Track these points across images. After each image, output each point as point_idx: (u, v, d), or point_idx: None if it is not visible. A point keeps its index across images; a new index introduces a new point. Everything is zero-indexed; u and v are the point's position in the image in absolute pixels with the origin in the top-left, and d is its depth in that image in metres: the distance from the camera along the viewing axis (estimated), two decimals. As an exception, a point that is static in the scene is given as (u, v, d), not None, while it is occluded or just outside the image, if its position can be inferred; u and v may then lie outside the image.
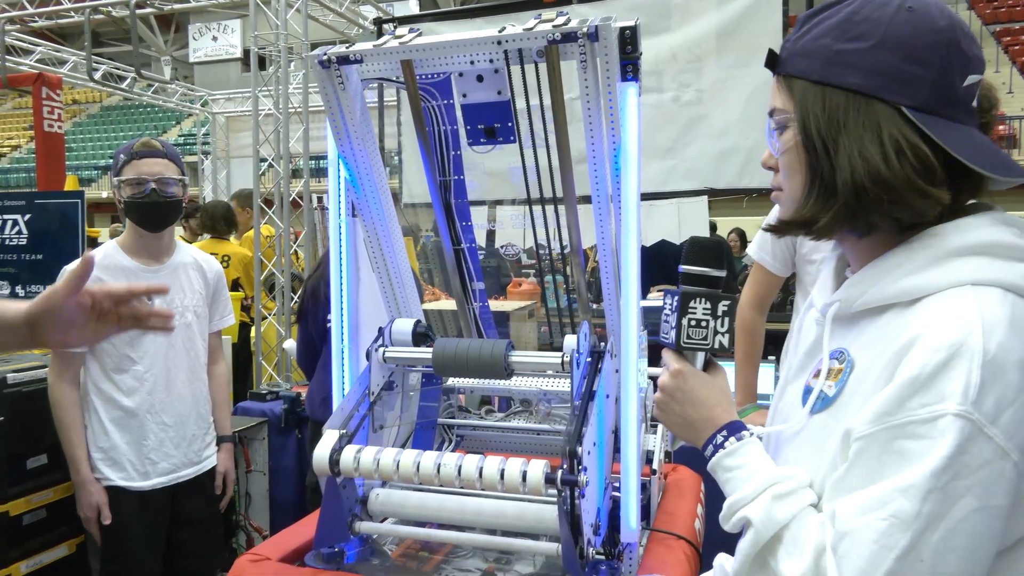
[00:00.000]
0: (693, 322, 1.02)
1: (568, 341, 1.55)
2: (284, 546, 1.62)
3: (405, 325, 1.74)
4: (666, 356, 1.06)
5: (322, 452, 1.48)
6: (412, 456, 1.43)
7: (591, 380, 1.51)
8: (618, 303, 1.57)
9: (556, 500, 1.35)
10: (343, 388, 1.82)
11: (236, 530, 3.37)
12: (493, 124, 1.67)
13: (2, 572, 2.36)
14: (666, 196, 4.31)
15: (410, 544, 1.70)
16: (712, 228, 5.69)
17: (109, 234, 8.27)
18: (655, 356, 1.88)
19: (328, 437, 1.50)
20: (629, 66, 1.46)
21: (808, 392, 0.95)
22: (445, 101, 1.70)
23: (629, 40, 1.44)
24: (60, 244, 3.69)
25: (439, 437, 1.98)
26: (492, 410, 2.05)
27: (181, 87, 11.52)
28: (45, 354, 2.50)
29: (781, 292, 2.80)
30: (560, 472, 1.33)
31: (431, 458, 1.42)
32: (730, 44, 4.12)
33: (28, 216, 4.04)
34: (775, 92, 0.96)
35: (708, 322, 1.01)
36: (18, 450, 2.45)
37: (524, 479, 1.35)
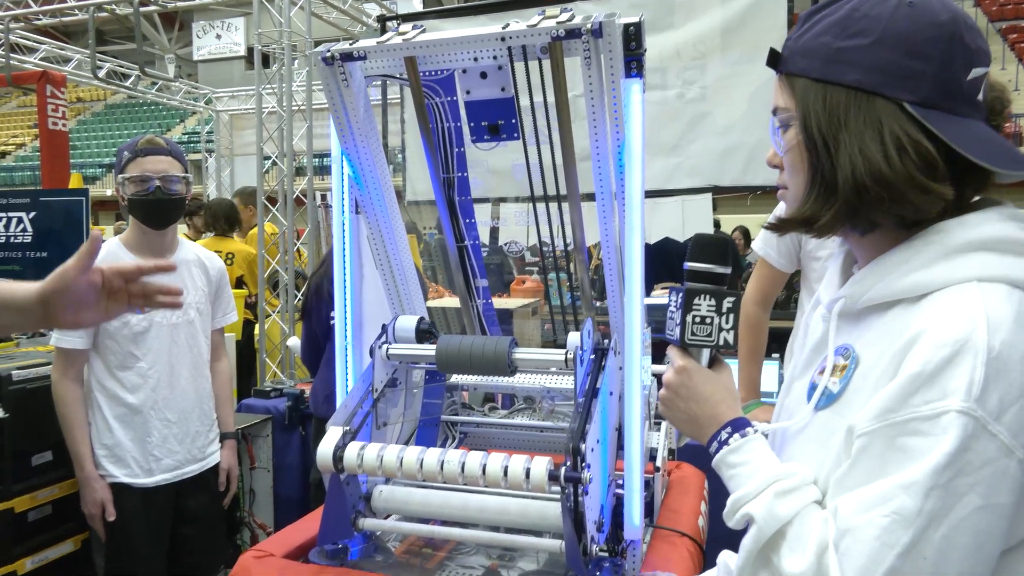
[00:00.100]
0: (698, 319, 1.02)
1: (572, 338, 1.55)
2: (288, 542, 1.62)
3: (408, 322, 1.74)
4: (671, 353, 1.06)
5: (326, 449, 1.48)
6: (415, 453, 1.43)
7: (595, 377, 1.51)
8: (622, 300, 1.56)
9: (560, 497, 1.35)
10: (347, 385, 1.82)
11: (240, 527, 3.38)
12: (497, 121, 1.66)
13: (7, 568, 2.37)
14: (670, 193, 4.30)
15: (414, 541, 1.70)
16: (716, 226, 5.68)
17: (113, 231, 8.29)
18: (659, 353, 1.89)
19: (332, 434, 1.51)
20: (633, 62, 1.46)
21: (813, 388, 0.95)
22: (449, 98, 1.70)
23: (633, 36, 1.44)
24: (65, 242, 3.70)
25: (442, 434, 1.99)
26: (495, 407, 2.05)
27: (185, 85, 11.54)
28: (49, 351, 2.50)
29: (785, 289, 2.79)
30: (563, 469, 1.33)
31: (434, 455, 1.42)
32: (734, 41, 4.11)
33: (33, 214, 4.05)
34: (777, 91, 0.96)
35: (713, 319, 1.01)
36: (23, 447, 2.45)
37: (528, 476, 1.35)
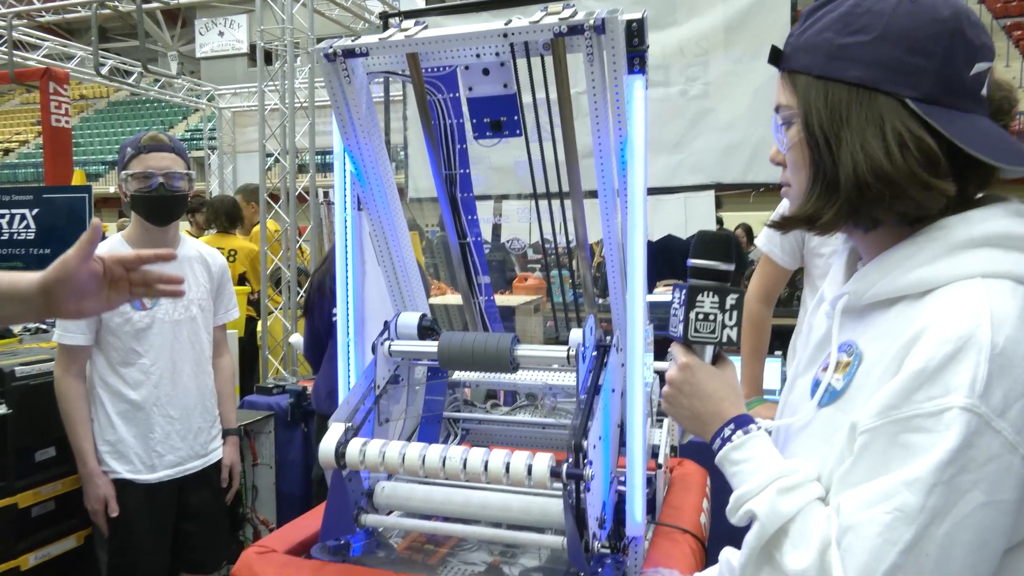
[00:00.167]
0: (701, 315, 1.01)
1: (574, 335, 1.55)
2: (290, 538, 1.62)
3: (411, 319, 1.74)
4: (674, 350, 1.06)
5: (328, 445, 1.48)
6: (418, 449, 1.43)
7: (597, 374, 1.51)
8: (624, 297, 1.56)
9: (561, 494, 1.35)
10: (348, 382, 1.83)
11: (243, 523, 3.38)
12: (499, 117, 1.66)
13: (11, 564, 2.38)
14: (673, 191, 4.29)
15: (416, 537, 1.70)
16: (718, 223, 5.67)
17: (116, 228, 8.30)
18: (661, 351, 1.89)
19: (334, 430, 1.51)
20: (636, 59, 1.45)
21: (817, 385, 0.95)
22: (451, 94, 1.69)
23: (636, 33, 1.43)
24: (68, 238, 3.68)
25: (444, 431, 1.99)
26: (498, 404, 2.05)
27: (187, 82, 11.54)
28: (52, 347, 2.51)
29: (788, 287, 2.79)
30: (565, 466, 1.32)
31: (436, 451, 1.42)
32: (738, 38, 4.09)
33: (36, 211, 4.06)
34: (780, 88, 0.96)
35: (716, 315, 1.01)
36: (26, 443, 2.46)
37: (529, 472, 1.35)
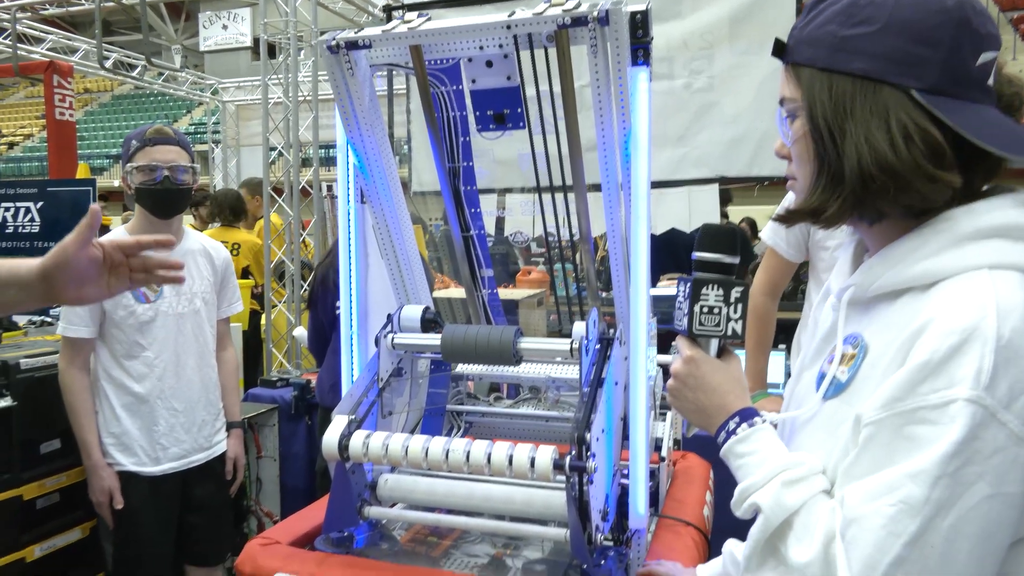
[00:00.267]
0: (705, 309, 1.01)
1: (577, 328, 1.54)
2: (294, 530, 1.63)
3: (414, 312, 1.74)
4: (679, 343, 1.06)
5: (331, 437, 1.48)
6: (421, 442, 1.44)
7: (600, 367, 1.51)
8: (627, 291, 1.56)
9: (565, 486, 1.35)
10: (352, 374, 1.83)
11: (247, 515, 3.39)
12: (502, 110, 1.66)
13: (16, 555, 2.39)
14: (677, 184, 4.28)
15: (419, 529, 1.71)
16: (724, 218, 5.64)
17: (121, 222, 8.30)
18: (664, 344, 1.88)
19: (337, 423, 1.51)
20: (640, 51, 1.45)
21: (822, 378, 0.94)
22: (454, 87, 1.69)
23: (640, 24, 1.43)
24: (72, 231, 3.71)
25: (448, 424, 1.99)
26: (501, 397, 2.05)
27: (191, 75, 11.52)
28: (57, 340, 2.52)
29: (792, 281, 2.78)
30: (568, 458, 1.33)
31: (440, 444, 1.43)
32: (742, 30, 4.08)
33: (40, 204, 4.07)
34: (784, 81, 0.96)
35: (721, 309, 1.01)
36: (31, 435, 2.47)
37: (532, 465, 1.35)
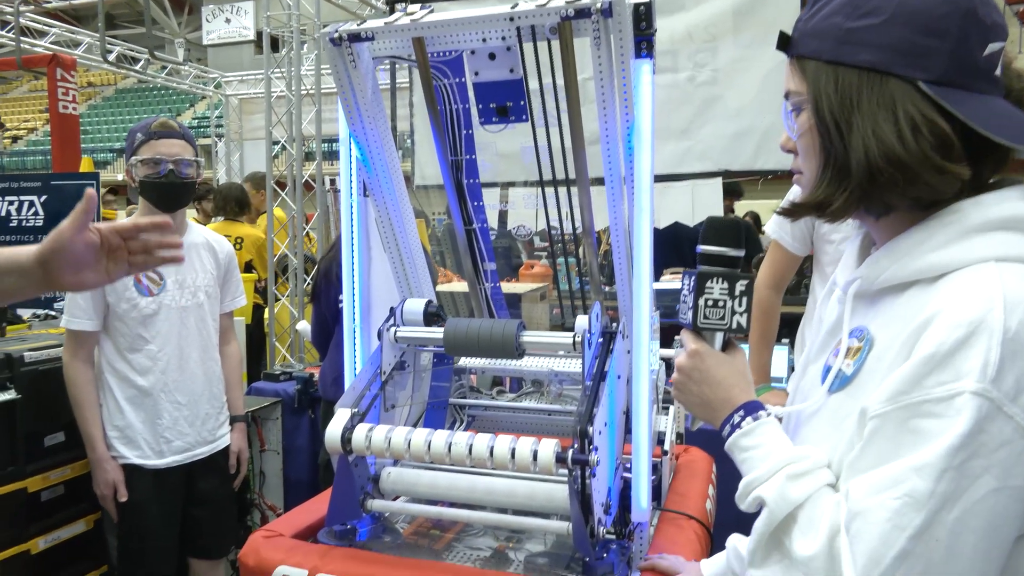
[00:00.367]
0: (710, 302, 1.01)
1: (580, 321, 1.54)
2: (297, 523, 1.63)
3: (416, 305, 1.74)
4: (684, 336, 1.05)
5: (334, 431, 1.48)
6: (423, 435, 1.44)
7: (603, 360, 1.51)
8: (630, 284, 1.56)
9: (567, 480, 1.35)
10: (355, 368, 1.83)
11: (251, 508, 3.40)
12: (505, 103, 1.65)
13: (21, 547, 2.40)
14: (680, 178, 4.27)
15: (422, 522, 1.71)
16: (731, 212, 5.64)
17: (125, 215, 8.32)
18: (667, 339, 1.88)
19: (340, 416, 1.51)
20: (643, 43, 1.44)
21: (827, 371, 0.94)
22: (457, 79, 1.68)
23: (643, 16, 1.42)
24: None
25: (450, 417, 1.99)
26: (503, 390, 2.05)
27: (194, 69, 11.53)
28: (61, 333, 2.52)
29: (796, 275, 2.77)
30: (571, 452, 1.32)
31: (442, 437, 1.43)
32: (747, 23, 4.06)
33: (44, 198, 4.07)
34: (789, 74, 0.95)
35: (726, 302, 1.00)
36: (35, 428, 2.48)
37: (535, 458, 1.35)
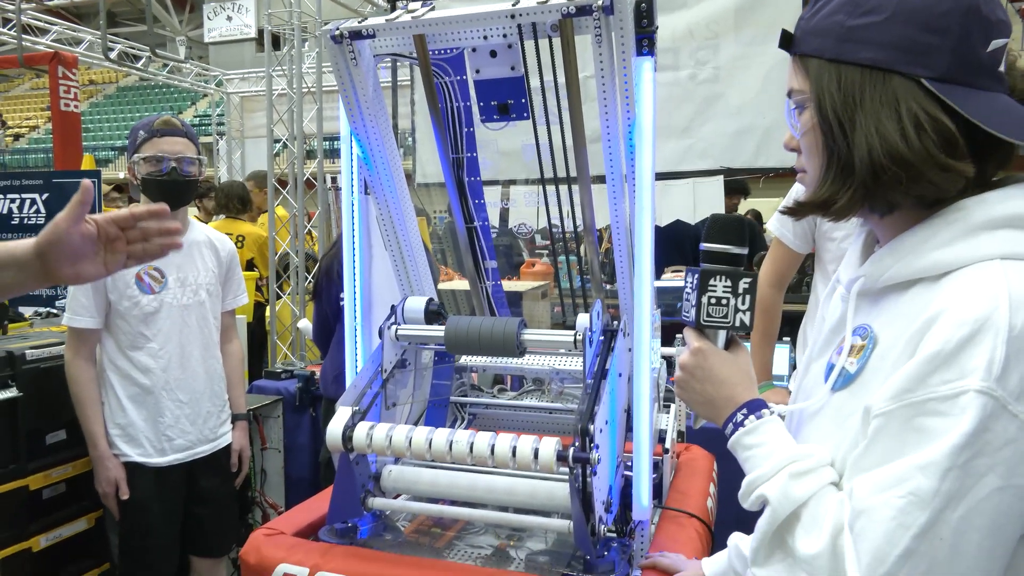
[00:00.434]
0: (713, 300, 1.00)
1: (581, 319, 1.54)
2: (298, 521, 1.63)
3: (417, 303, 1.74)
4: (687, 334, 1.05)
5: (335, 428, 1.48)
6: (424, 433, 1.44)
7: (604, 359, 1.51)
8: (631, 282, 1.55)
9: (568, 478, 1.35)
10: (356, 366, 1.83)
11: (252, 506, 3.40)
12: (506, 100, 1.65)
13: (22, 545, 2.40)
14: (681, 176, 4.27)
15: (423, 520, 1.71)
16: (734, 211, 5.62)
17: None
18: (668, 337, 1.88)
19: (341, 414, 1.51)
20: (645, 40, 1.44)
21: (831, 369, 0.94)
22: (458, 77, 1.68)
23: (645, 13, 1.42)
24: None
25: (452, 415, 1.99)
26: (505, 389, 2.05)
27: (196, 67, 11.52)
28: (62, 331, 2.52)
29: (797, 273, 2.77)
30: (572, 450, 1.32)
31: (443, 435, 1.43)
32: (748, 20, 4.05)
33: (46, 195, 4.07)
34: (792, 72, 0.95)
35: (729, 300, 1.00)
36: (37, 425, 2.48)
37: (536, 456, 1.35)
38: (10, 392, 2.39)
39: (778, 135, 1.03)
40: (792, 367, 2.91)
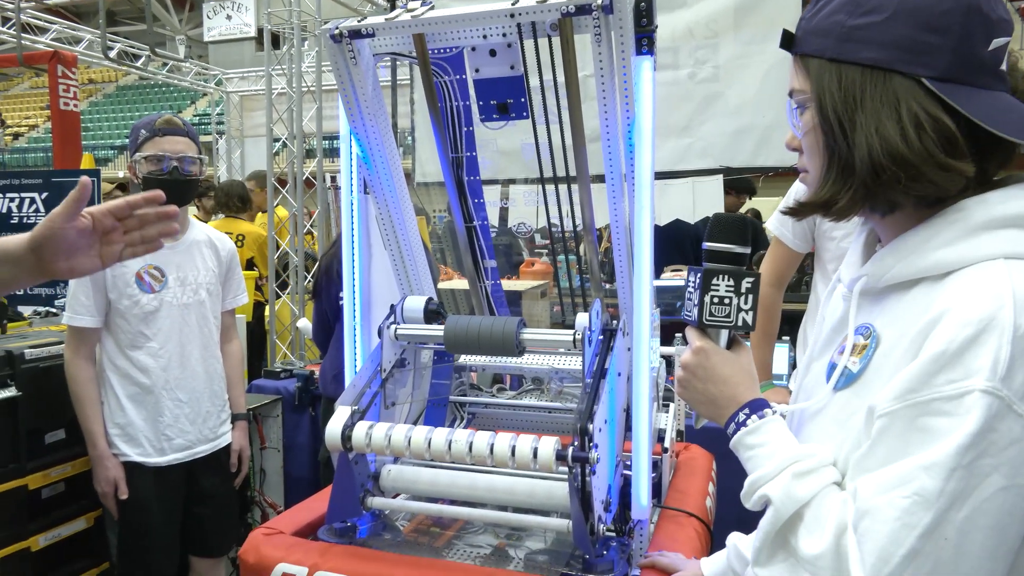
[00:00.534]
0: (716, 299, 1.00)
1: (580, 319, 1.54)
2: (297, 520, 1.63)
3: (417, 302, 1.74)
4: (689, 333, 1.05)
5: (334, 428, 1.48)
6: (423, 432, 1.43)
7: (603, 358, 1.51)
8: (631, 282, 1.55)
9: (567, 477, 1.35)
10: (355, 365, 1.83)
11: (251, 506, 3.40)
12: (506, 99, 1.65)
13: (21, 544, 2.40)
14: (681, 175, 4.26)
15: (422, 520, 1.71)
16: (735, 209, 5.61)
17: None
18: (667, 336, 1.88)
19: (340, 413, 1.51)
20: (644, 39, 1.44)
21: (832, 368, 0.94)
22: (457, 76, 1.68)
23: (644, 13, 1.42)
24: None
25: (451, 415, 1.99)
26: (504, 388, 2.05)
27: (195, 66, 11.51)
28: (62, 330, 2.52)
29: (797, 272, 2.77)
30: (571, 449, 1.32)
31: (442, 434, 1.42)
32: (748, 20, 4.05)
33: (45, 194, 4.08)
34: (793, 72, 0.95)
35: (731, 299, 1.00)
36: (36, 425, 2.47)
37: (535, 456, 1.35)
38: (9, 391, 2.39)
39: (777, 134, 1.03)
40: (792, 366, 2.91)
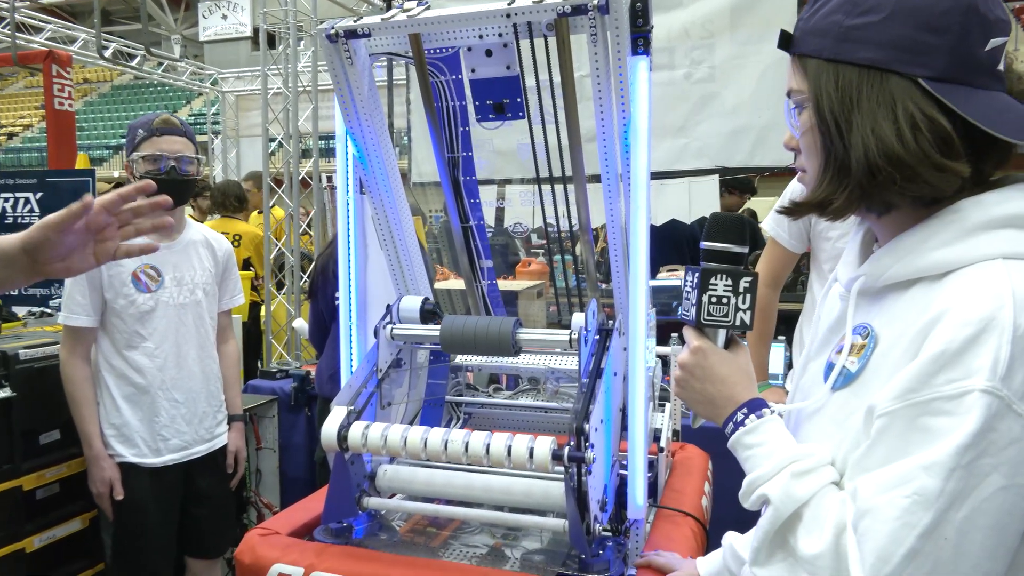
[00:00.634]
0: (714, 299, 1.00)
1: (576, 318, 1.54)
2: (293, 521, 1.63)
3: (413, 302, 1.74)
4: (686, 333, 1.05)
5: (330, 428, 1.48)
6: (419, 432, 1.43)
7: (599, 358, 1.51)
8: (627, 282, 1.56)
9: (563, 477, 1.35)
10: (351, 365, 1.83)
11: (247, 506, 3.40)
12: (502, 99, 1.65)
13: (16, 546, 2.39)
14: (676, 175, 4.27)
15: (418, 520, 1.71)
16: (735, 209, 5.61)
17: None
18: (663, 335, 1.88)
19: (336, 413, 1.51)
20: (640, 39, 1.44)
21: (830, 368, 0.93)
22: (454, 76, 1.68)
23: (640, 13, 1.42)
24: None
25: (447, 415, 1.99)
26: (500, 388, 2.05)
27: (191, 66, 11.49)
28: (57, 331, 2.51)
29: (793, 272, 2.78)
30: (567, 449, 1.32)
31: (438, 434, 1.42)
32: (744, 20, 4.05)
33: (40, 194, 4.06)
34: (791, 72, 0.95)
35: (729, 299, 1.00)
36: (31, 425, 2.47)
37: (531, 455, 1.35)
38: (4, 392, 2.38)
39: (773, 135, 1.03)
40: (788, 366, 2.92)
